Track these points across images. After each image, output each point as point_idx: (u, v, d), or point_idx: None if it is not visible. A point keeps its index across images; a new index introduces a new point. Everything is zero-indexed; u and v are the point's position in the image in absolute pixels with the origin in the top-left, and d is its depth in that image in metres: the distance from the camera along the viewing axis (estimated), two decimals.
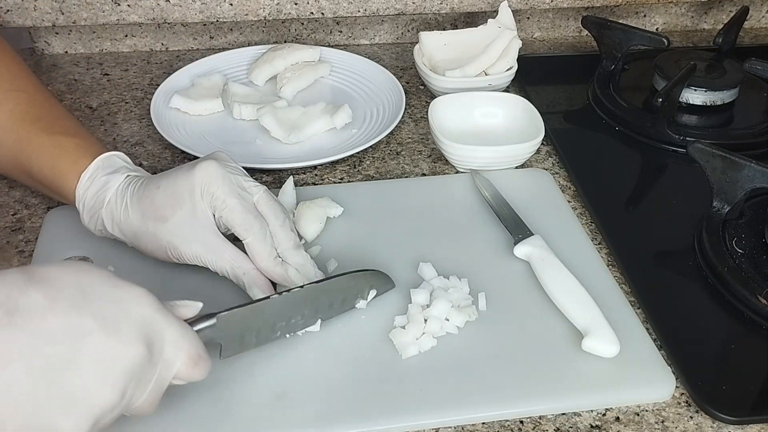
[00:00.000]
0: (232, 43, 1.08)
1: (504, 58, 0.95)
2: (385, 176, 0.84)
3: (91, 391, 0.46)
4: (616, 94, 0.96)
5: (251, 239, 0.64)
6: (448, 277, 0.68)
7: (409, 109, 0.95)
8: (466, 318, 0.64)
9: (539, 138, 0.82)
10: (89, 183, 0.67)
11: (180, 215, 0.64)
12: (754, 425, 0.59)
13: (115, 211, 0.66)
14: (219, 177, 0.64)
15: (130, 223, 0.66)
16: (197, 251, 0.64)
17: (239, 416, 0.57)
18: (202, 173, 0.64)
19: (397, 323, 0.64)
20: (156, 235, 0.64)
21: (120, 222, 0.66)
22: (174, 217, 0.64)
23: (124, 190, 0.66)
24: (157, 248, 0.65)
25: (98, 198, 0.67)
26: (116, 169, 0.68)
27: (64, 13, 0.97)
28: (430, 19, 1.11)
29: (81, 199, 0.68)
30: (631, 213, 0.81)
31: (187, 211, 0.64)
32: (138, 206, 0.65)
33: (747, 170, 0.72)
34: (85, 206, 0.68)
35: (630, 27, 0.98)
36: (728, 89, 0.93)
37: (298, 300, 0.61)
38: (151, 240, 0.65)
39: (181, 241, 0.64)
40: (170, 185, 0.64)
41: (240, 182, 0.65)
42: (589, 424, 0.59)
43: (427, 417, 0.58)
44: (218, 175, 0.64)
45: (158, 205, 0.64)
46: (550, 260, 0.69)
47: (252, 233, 0.64)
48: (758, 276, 0.69)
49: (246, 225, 0.64)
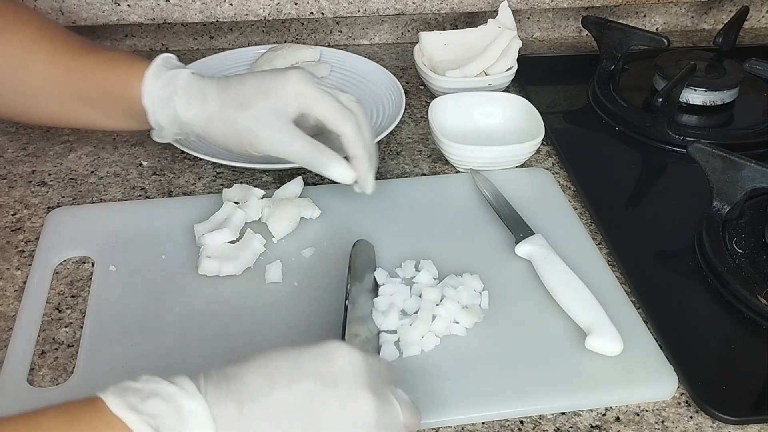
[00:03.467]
0: (232, 43, 1.08)
1: (504, 58, 0.95)
2: (385, 176, 0.84)
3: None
4: (616, 94, 0.96)
5: (351, 128, 0.69)
6: (461, 274, 0.68)
7: (409, 109, 0.95)
8: (474, 319, 0.64)
9: (539, 138, 0.82)
10: (155, 78, 0.70)
11: (264, 105, 0.69)
12: (754, 425, 0.59)
13: (192, 97, 0.70)
14: (310, 81, 0.70)
15: (206, 107, 0.69)
16: (274, 136, 0.69)
17: None
18: (295, 77, 0.69)
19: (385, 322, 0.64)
20: (235, 121, 0.69)
21: (196, 106, 0.70)
22: (258, 105, 0.68)
23: (198, 81, 0.70)
24: (232, 133, 0.69)
25: (166, 91, 0.70)
26: (176, 66, 0.72)
27: (64, 13, 0.97)
28: (430, 19, 1.11)
29: (149, 93, 0.70)
30: (631, 213, 0.81)
31: (272, 103, 0.69)
32: (218, 95, 0.69)
33: (747, 170, 0.72)
34: (155, 98, 0.70)
35: (630, 27, 0.98)
36: (728, 89, 0.93)
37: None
38: (227, 126, 0.69)
39: (260, 127, 0.68)
40: (257, 81, 0.70)
41: (326, 85, 0.71)
42: (589, 424, 0.59)
43: (427, 416, 0.58)
44: (310, 80, 0.70)
45: (243, 94, 0.69)
46: (552, 259, 0.69)
47: (351, 123, 0.69)
48: (758, 276, 0.69)
49: (344, 116, 0.69)
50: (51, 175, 0.83)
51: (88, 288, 0.68)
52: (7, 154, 0.85)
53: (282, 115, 0.69)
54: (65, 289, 0.68)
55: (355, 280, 0.63)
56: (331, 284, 0.68)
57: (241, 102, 0.69)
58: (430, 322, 0.63)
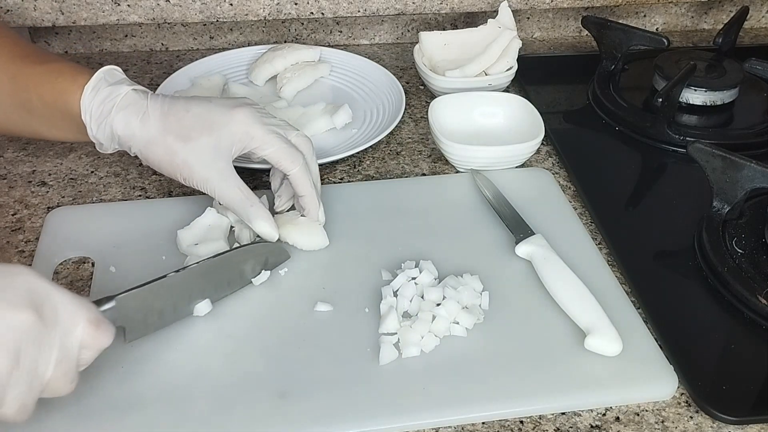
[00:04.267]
0: (232, 43, 1.08)
1: (504, 58, 0.95)
2: (385, 176, 0.84)
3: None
4: (616, 94, 0.96)
5: (298, 169, 0.69)
6: (461, 274, 0.68)
7: (409, 109, 0.95)
8: (475, 320, 0.64)
9: (539, 138, 0.82)
10: (94, 93, 0.69)
11: (205, 141, 0.67)
12: (754, 425, 0.59)
13: (132, 117, 0.68)
14: (258, 120, 0.69)
15: (146, 131, 0.68)
16: (210, 176, 0.68)
17: (241, 416, 0.57)
18: (242, 116, 0.68)
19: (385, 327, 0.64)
20: (173, 151, 0.68)
21: (135, 128, 0.68)
22: (199, 140, 0.67)
23: (140, 100, 0.69)
24: (168, 163, 0.68)
25: (105, 106, 0.68)
26: (118, 81, 0.70)
27: (64, 13, 0.97)
28: (430, 19, 1.11)
29: (87, 110, 0.69)
30: (631, 213, 0.81)
31: (214, 139, 0.67)
32: (160, 120, 0.68)
33: (747, 170, 0.72)
34: (92, 115, 0.69)
35: (630, 27, 0.98)
36: (728, 89, 0.93)
37: (195, 276, 0.62)
38: (165, 153, 0.68)
39: (197, 163, 0.67)
40: (203, 113, 0.68)
41: (273, 122, 0.70)
42: (589, 424, 0.59)
43: (427, 416, 0.58)
44: (256, 119, 0.69)
45: (185, 125, 0.68)
46: (552, 259, 0.69)
47: (298, 163, 0.69)
48: (758, 276, 0.69)
49: (292, 158, 0.69)
50: (51, 175, 0.83)
51: (88, 288, 0.68)
52: (7, 154, 0.85)
53: (223, 153, 0.68)
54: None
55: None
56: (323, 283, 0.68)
57: (182, 133, 0.67)
58: (430, 323, 0.63)
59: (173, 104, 0.69)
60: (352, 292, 0.67)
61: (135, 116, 0.68)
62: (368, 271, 0.70)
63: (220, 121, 0.68)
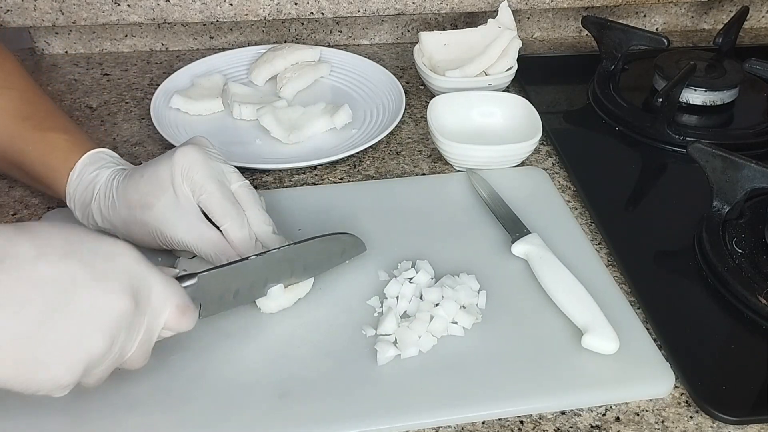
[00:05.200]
0: (232, 43, 1.08)
1: (504, 58, 0.95)
2: (385, 176, 0.84)
3: (82, 338, 0.47)
4: (616, 94, 0.96)
5: (229, 225, 0.65)
6: (458, 274, 0.68)
7: (409, 109, 0.95)
8: (473, 320, 0.64)
9: (537, 137, 0.82)
10: (78, 180, 0.68)
11: (164, 201, 0.64)
12: (754, 425, 0.59)
13: (103, 204, 0.67)
14: (199, 162, 0.64)
15: (118, 213, 0.66)
16: (181, 235, 0.65)
17: (241, 416, 0.57)
18: (181, 158, 0.64)
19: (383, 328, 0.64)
20: (144, 223, 0.65)
21: (109, 214, 0.67)
22: (159, 203, 0.64)
23: (109, 183, 0.67)
24: (146, 234, 0.66)
25: (87, 194, 0.68)
26: (103, 165, 0.69)
27: (64, 13, 0.97)
28: (430, 19, 1.11)
29: (72, 197, 0.69)
30: (631, 213, 0.81)
31: (170, 197, 0.64)
32: (124, 197, 0.66)
33: (747, 170, 0.72)
34: (76, 203, 0.69)
35: (630, 27, 0.98)
36: (728, 89, 0.93)
37: (275, 261, 0.63)
38: (141, 228, 0.66)
39: (166, 226, 0.65)
40: (153, 173, 0.65)
41: (219, 167, 0.66)
42: (589, 424, 0.59)
43: (426, 416, 0.58)
44: (198, 160, 0.64)
45: (143, 192, 0.65)
46: (548, 258, 0.69)
47: (230, 219, 0.65)
48: (758, 276, 0.69)
49: (223, 211, 0.64)
50: None
51: None
52: None
53: (185, 206, 0.64)
54: None
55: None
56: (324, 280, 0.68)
57: (142, 201, 0.65)
58: (427, 323, 0.63)
59: (131, 175, 0.66)
60: (351, 292, 0.67)
61: (105, 203, 0.67)
62: (367, 271, 0.69)
63: (166, 175, 0.64)
